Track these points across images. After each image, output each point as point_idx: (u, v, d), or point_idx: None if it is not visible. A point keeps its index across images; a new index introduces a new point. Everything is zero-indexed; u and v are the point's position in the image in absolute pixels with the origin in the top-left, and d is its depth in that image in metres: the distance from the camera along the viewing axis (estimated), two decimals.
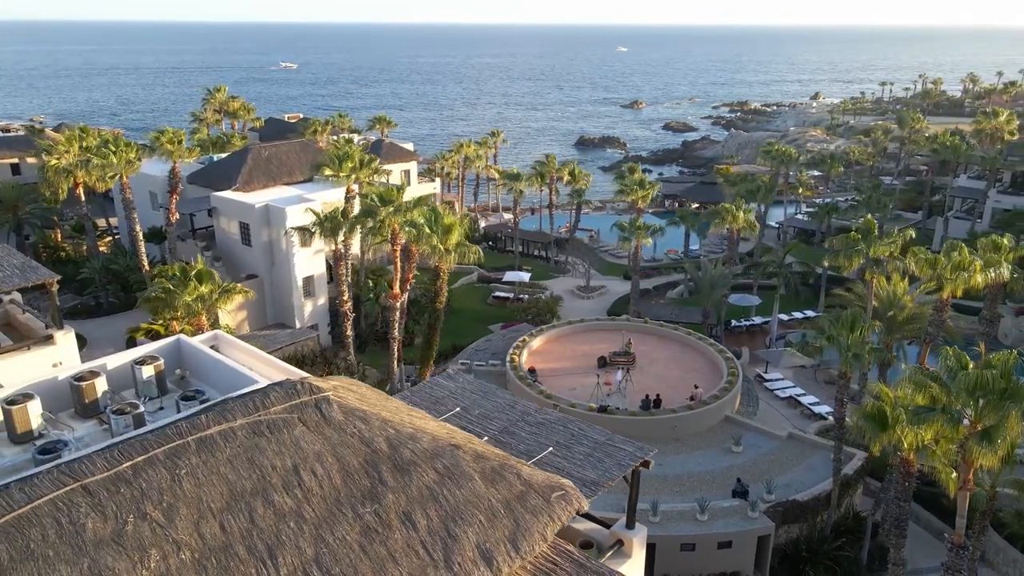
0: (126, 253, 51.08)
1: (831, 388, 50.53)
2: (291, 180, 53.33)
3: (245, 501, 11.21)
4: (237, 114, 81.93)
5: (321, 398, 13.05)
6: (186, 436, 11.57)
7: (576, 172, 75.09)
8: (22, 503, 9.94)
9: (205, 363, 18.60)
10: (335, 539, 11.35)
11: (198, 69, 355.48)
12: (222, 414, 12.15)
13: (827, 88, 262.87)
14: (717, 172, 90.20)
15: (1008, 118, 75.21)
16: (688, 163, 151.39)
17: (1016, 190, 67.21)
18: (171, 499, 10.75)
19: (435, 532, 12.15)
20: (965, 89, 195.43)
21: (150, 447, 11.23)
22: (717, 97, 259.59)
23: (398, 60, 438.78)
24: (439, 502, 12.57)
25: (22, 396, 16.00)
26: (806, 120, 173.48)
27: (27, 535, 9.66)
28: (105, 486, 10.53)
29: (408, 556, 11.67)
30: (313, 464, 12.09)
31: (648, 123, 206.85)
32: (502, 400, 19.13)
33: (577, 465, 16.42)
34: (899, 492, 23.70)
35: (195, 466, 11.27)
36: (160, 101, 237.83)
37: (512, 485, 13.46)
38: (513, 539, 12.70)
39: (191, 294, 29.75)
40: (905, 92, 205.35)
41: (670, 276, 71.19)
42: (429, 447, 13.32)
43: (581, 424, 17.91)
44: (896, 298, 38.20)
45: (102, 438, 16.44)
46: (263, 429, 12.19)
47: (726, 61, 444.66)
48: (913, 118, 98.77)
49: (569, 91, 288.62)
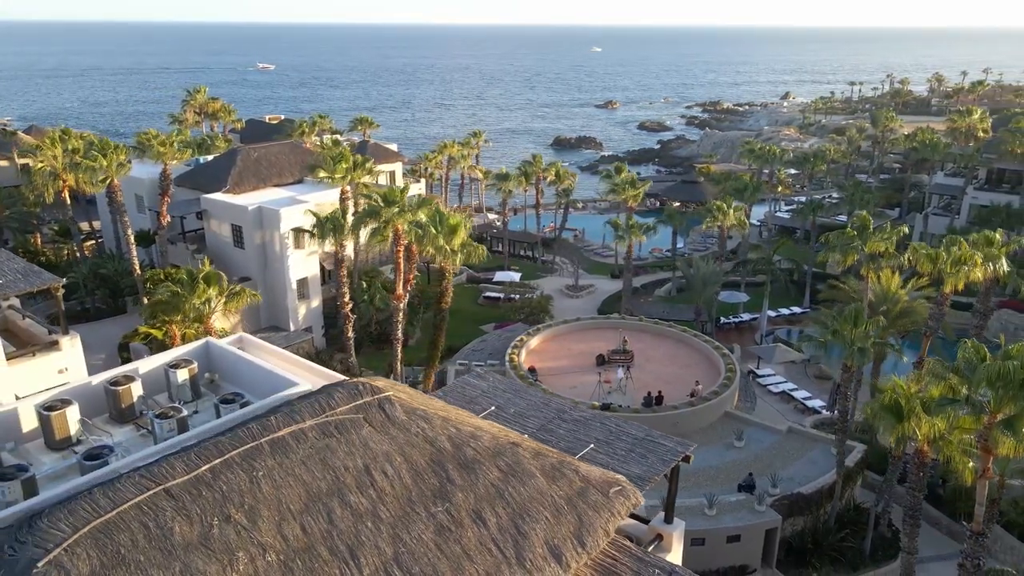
0: (114, 257, 50.20)
1: (822, 383, 51.52)
2: (281, 182, 52.82)
3: (322, 502, 11.17)
4: (217, 115, 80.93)
5: (383, 398, 13.03)
6: (259, 438, 11.49)
7: (561, 172, 75.38)
8: (107, 508, 9.81)
9: (237, 365, 18.41)
10: (412, 538, 11.36)
11: (163, 70, 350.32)
12: (290, 415, 12.07)
13: (796, 88, 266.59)
14: (699, 171, 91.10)
15: (982, 116, 77.05)
16: (664, 162, 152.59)
17: (992, 187, 68.83)
18: (252, 501, 10.68)
19: (505, 530, 12.21)
20: (931, 88, 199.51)
21: (225, 449, 11.13)
22: (689, 97, 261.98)
23: (368, 61, 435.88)
24: (505, 500, 12.63)
25: (60, 402, 15.73)
26: (778, 119, 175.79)
27: (117, 541, 9.54)
28: (187, 489, 10.44)
29: (482, 554, 11.72)
30: (383, 464, 12.08)
31: (623, 123, 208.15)
32: (536, 398, 19.21)
33: (620, 461, 16.53)
34: (913, 482, 24.21)
35: (271, 468, 11.21)
36: (127, 103, 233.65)
37: (572, 481, 13.57)
38: (578, 535, 12.81)
39: (200, 297, 29.39)
40: (873, 92, 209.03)
41: (656, 274, 71.77)
42: (490, 445, 13.37)
43: (618, 420, 18.05)
44: (890, 293, 38.90)
45: (141, 443, 16.24)
46: (332, 430, 12.14)
47: (696, 62, 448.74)
48: (887, 117, 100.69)
49: (543, 91, 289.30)
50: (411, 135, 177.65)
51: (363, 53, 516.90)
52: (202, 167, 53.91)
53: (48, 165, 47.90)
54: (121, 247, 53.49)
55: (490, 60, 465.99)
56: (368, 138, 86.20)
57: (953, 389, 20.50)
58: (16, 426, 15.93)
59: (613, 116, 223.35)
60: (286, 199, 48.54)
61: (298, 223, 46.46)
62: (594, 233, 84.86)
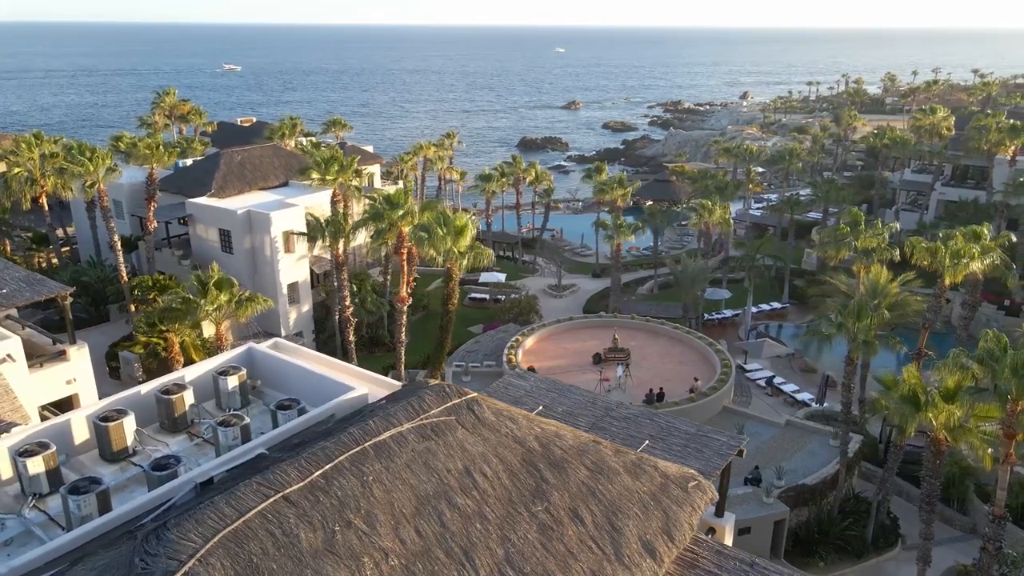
0: (95, 264, 48.88)
1: (807, 375, 52.63)
2: (266, 185, 52.08)
3: (431, 505, 11.14)
4: (188, 118, 79.31)
5: (471, 399, 13.03)
6: (362, 442, 11.40)
7: (539, 173, 75.72)
8: (233, 517, 9.66)
9: (285, 371, 18.17)
10: (518, 538, 11.40)
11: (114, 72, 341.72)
12: (387, 419, 11.99)
13: (753, 88, 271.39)
14: (672, 170, 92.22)
15: (946, 115, 79.55)
16: (630, 162, 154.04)
17: (957, 182, 71.11)
18: (367, 506, 10.61)
19: (601, 527, 12.32)
20: (885, 88, 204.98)
21: (333, 454, 11.03)
22: (649, 97, 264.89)
23: (327, 64, 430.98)
24: (597, 497, 12.74)
25: (116, 412, 15.41)
26: (739, 119, 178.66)
27: (248, 550, 9.40)
28: (304, 495, 10.33)
29: (584, 552, 11.81)
30: (481, 465, 12.09)
31: (587, 123, 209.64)
32: (580, 396, 19.35)
33: (678, 456, 16.77)
34: (930, 470, 24.96)
35: (379, 472, 11.14)
36: (77, 107, 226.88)
37: (653, 477, 13.74)
38: (667, 530, 12.98)
39: (212, 303, 28.83)
40: (830, 91, 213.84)
41: (636, 273, 72.49)
42: (574, 443, 13.47)
43: (666, 416, 18.28)
44: (880, 287, 39.91)
45: (196, 452, 16.01)
46: (429, 432, 12.11)
47: (655, 63, 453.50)
48: (850, 116, 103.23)
49: (506, 93, 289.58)
50: (370, 138, 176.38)
51: (322, 54, 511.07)
52: (183, 171, 52.87)
53: (25, 170, 46.42)
54: (101, 253, 52.18)
55: (451, 61, 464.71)
56: (341, 139, 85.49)
57: (975, 378, 21.21)
58: (68, 438, 15.53)
59: (576, 117, 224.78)
60: (274, 202, 47.88)
61: (289, 227, 45.91)
62: (572, 233, 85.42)
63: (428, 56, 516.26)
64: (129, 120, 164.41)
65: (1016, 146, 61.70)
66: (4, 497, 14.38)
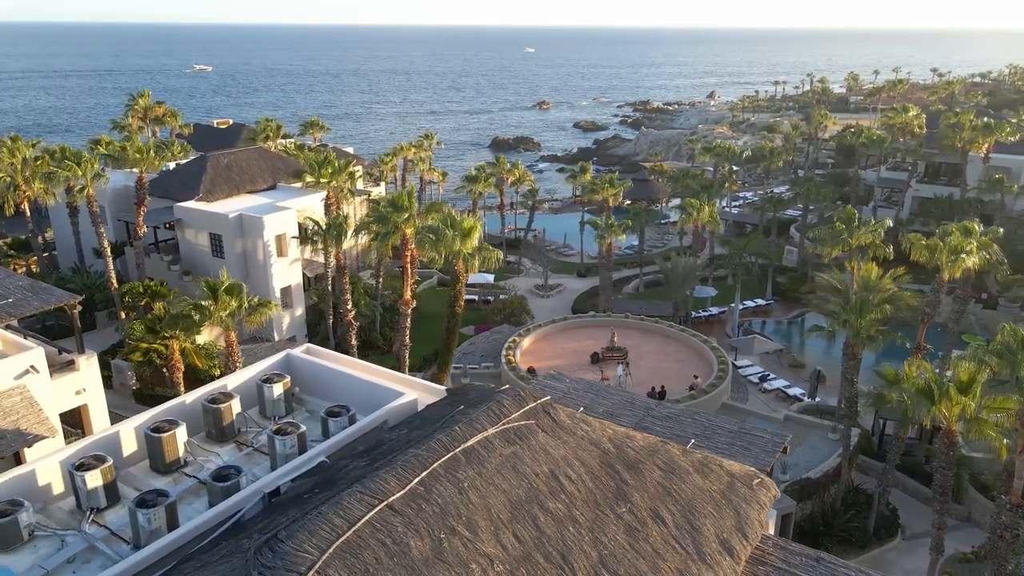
0: (80, 271, 47.75)
1: (796, 371, 53.48)
2: (254, 188, 51.39)
3: (525, 509, 11.15)
4: (164, 120, 77.78)
5: (546, 403, 13.06)
6: (451, 449, 11.36)
7: (521, 173, 75.85)
8: (343, 527, 9.55)
9: (328, 377, 17.98)
10: (609, 540, 11.46)
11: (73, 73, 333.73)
12: (470, 425, 11.95)
13: (719, 88, 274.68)
14: (650, 169, 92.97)
15: (917, 113, 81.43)
16: (603, 161, 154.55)
17: (930, 179, 72.81)
18: (467, 512, 10.58)
19: (681, 527, 12.44)
20: (848, 87, 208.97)
21: (427, 461, 10.96)
22: (619, 97, 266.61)
23: (291, 64, 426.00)
24: (673, 497, 12.86)
25: (167, 423, 15.13)
26: (708, 118, 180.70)
27: (363, 559, 9.32)
28: (408, 503, 10.26)
29: (669, 552, 11.90)
30: (565, 468, 12.13)
31: (557, 123, 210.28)
32: (618, 396, 19.47)
33: (727, 454, 16.96)
34: (943, 461, 25.57)
35: (472, 478, 11.11)
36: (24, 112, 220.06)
37: (720, 476, 13.90)
38: (740, 527, 13.14)
39: (224, 309, 28.36)
40: (795, 91, 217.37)
41: (620, 271, 72.88)
42: (644, 444, 13.57)
43: (707, 415, 18.49)
44: (872, 282, 40.72)
45: (247, 462, 15.75)
46: (512, 437, 12.11)
47: (622, 63, 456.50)
48: (820, 114, 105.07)
49: (475, 93, 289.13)
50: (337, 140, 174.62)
51: (281, 54, 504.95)
52: (169, 174, 51.92)
53: (7, 175, 45.15)
54: (85, 260, 51.02)
55: (419, 61, 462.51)
56: (318, 140, 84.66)
57: (992, 371, 21.80)
58: (117, 450, 15.20)
59: (546, 117, 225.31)
60: (265, 206, 47.26)
61: (281, 230, 45.39)
62: (553, 233, 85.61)
63: (394, 56, 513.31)
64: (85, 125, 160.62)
65: (989, 143, 63.35)
66: (58, 513, 14.03)
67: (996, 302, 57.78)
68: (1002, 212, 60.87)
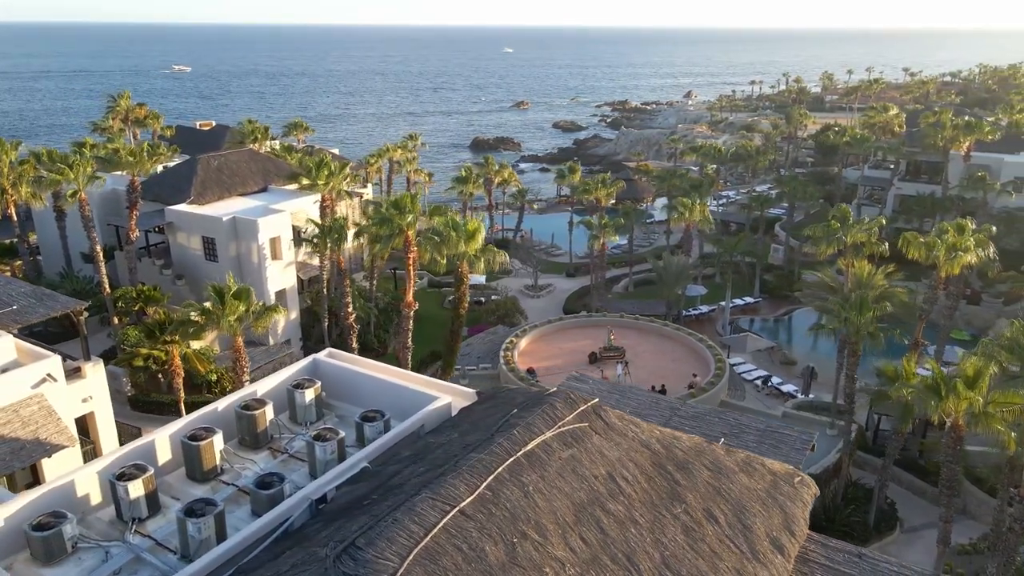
0: (70, 276, 46.96)
1: (788, 367, 54.08)
2: (245, 191, 50.88)
3: (588, 512, 11.19)
4: (145, 122, 76.70)
5: (596, 405, 13.10)
6: (513, 452, 11.36)
7: (509, 174, 75.92)
8: (420, 535, 9.53)
9: (355, 382, 17.87)
10: (669, 540, 11.54)
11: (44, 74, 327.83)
12: (528, 428, 11.96)
13: (696, 87, 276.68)
14: (635, 169, 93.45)
15: (897, 112, 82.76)
16: (584, 161, 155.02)
17: (912, 178, 73.97)
18: (535, 516, 10.60)
19: (733, 526, 12.55)
20: (824, 87, 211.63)
21: (491, 466, 10.96)
22: (597, 97, 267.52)
23: (265, 64, 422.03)
24: (723, 497, 12.97)
25: (204, 431, 14.96)
26: (687, 117, 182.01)
27: (443, 566, 9.31)
28: (478, 509, 10.26)
29: (725, 551, 12.01)
30: (621, 470, 12.19)
31: (536, 123, 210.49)
32: (642, 397, 19.58)
33: (756, 453, 17.11)
34: (950, 455, 26.01)
35: (536, 482, 11.14)
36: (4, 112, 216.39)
37: (764, 475, 14.04)
38: (787, 525, 13.30)
39: (232, 314, 28.05)
40: (771, 90, 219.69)
41: (609, 271, 73.18)
42: (691, 445, 13.67)
43: (733, 414, 18.64)
44: (865, 280, 41.29)
45: (283, 469, 15.62)
46: (569, 440, 12.14)
47: (599, 63, 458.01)
48: (800, 114, 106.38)
49: (453, 93, 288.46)
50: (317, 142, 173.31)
51: (257, 55, 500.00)
52: (157, 177, 51.15)
53: None
54: (72, 265, 50.19)
55: (395, 62, 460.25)
56: (302, 141, 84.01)
57: (1002, 365, 22.24)
58: (152, 458, 14.99)
59: (526, 117, 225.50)
60: (259, 208, 46.82)
61: (276, 233, 44.99)
62: (540, 233, 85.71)
63: (369, 56, 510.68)
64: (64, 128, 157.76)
65: (970, 142, 64.50)
66: (97, 523, 13.81)
67: (979, 298, 58.83)
68: (984, 209, 62.00)
